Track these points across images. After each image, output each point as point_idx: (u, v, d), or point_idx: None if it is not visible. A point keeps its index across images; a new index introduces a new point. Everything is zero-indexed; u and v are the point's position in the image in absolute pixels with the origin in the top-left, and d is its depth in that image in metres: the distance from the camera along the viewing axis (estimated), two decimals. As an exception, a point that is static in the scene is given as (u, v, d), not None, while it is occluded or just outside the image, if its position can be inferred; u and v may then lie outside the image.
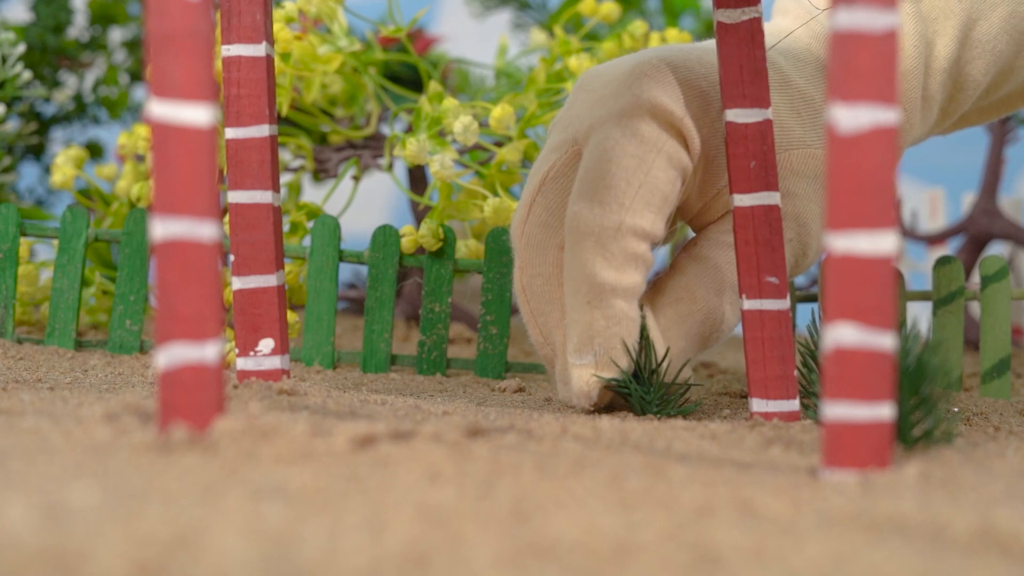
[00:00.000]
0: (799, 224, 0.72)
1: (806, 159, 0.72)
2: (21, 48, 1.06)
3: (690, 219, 0.73)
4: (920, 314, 1.37)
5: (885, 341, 0.49)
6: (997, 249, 1.34)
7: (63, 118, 1.23)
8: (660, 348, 0.68)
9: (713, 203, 0.72)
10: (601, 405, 0.68)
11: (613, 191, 0.65)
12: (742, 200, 0.67)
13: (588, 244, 0.65)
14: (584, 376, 0.65)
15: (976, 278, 1.20)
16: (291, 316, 0.84)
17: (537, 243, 0.70)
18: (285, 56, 0.91)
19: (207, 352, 0.50)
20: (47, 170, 1.23)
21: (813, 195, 0.72)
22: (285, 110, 0.93)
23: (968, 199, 1.34)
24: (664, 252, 1.19)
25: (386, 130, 0.98)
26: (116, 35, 1.29)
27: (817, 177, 0.72)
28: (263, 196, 0.68)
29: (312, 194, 1.92)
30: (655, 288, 0.71)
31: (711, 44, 0.73)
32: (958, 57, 0.75)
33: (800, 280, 1.38)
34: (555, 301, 0.69)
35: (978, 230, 1.21)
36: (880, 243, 0.49)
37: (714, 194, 0.71)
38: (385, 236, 0.86)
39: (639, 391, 0.66)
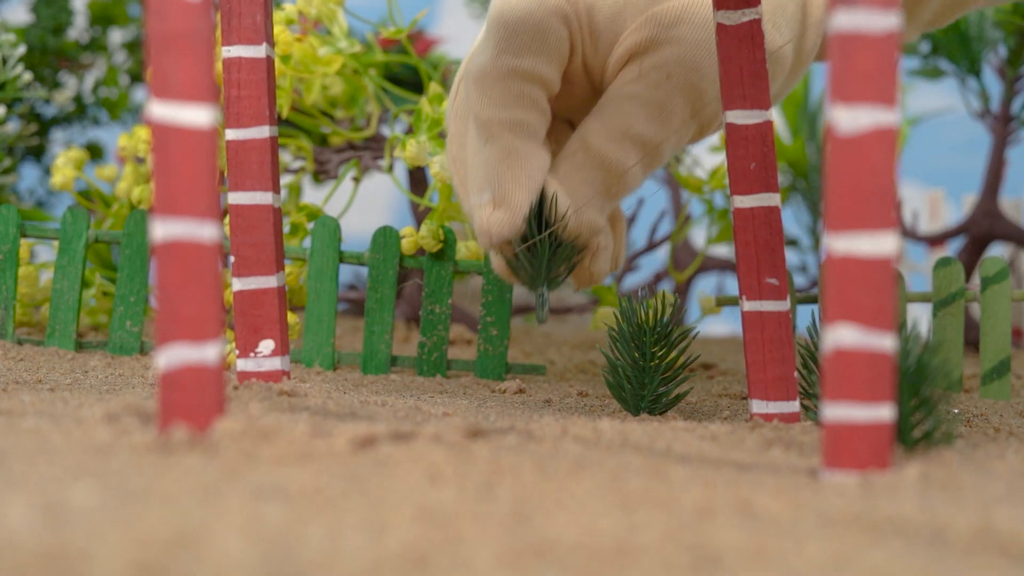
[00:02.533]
0: (687, 70, 0.70)
1: (689, 6, 0.71)
2: (21, 49, 1.06)
3: (595, 82, 0.73)
4: (920, 315, 1.37)
5: (885, 342, 0.49)
6: (998, 251, 1.34)
7: (63, 119, 1.23)
8: (561, 201, 0.68)
9: (610, 67, 0.72)
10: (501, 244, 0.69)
11: (497, 36, 0.68)
12: (742, 201, 0.67)
13: (473, 86, 0.68)
14: (484, 213, 0.67)
15: (976, 279, 1.20)
16: (291, 317, 0.84)
17: (463, 114, 0.72)
18: (285, 58, 0.91)
19: (207, 353, 0.50)
20: (47, 171, 1.23)
21: (701, 41, 0.70)
22: (285, 111, 0.93)
23: (969, 201, 1.34)
24: (664, 254, 1.19)
25: (386, 131, 0.98)
26: (116, 36, 1.29)
27: (703, 25, 0.71)
28: (263, 197, 0.68)
29: (312, 195, 1.92)
30: (559, 148, 0.72)
31: None
32: None
33: (800, 281, 1.38)
34: None
35: (979, 231, 1.21)
36: (880, 244, 0.49)
37: (604, 59, 0.71)
38: (385, 237, 0.86)
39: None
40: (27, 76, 1.06)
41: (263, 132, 0.68)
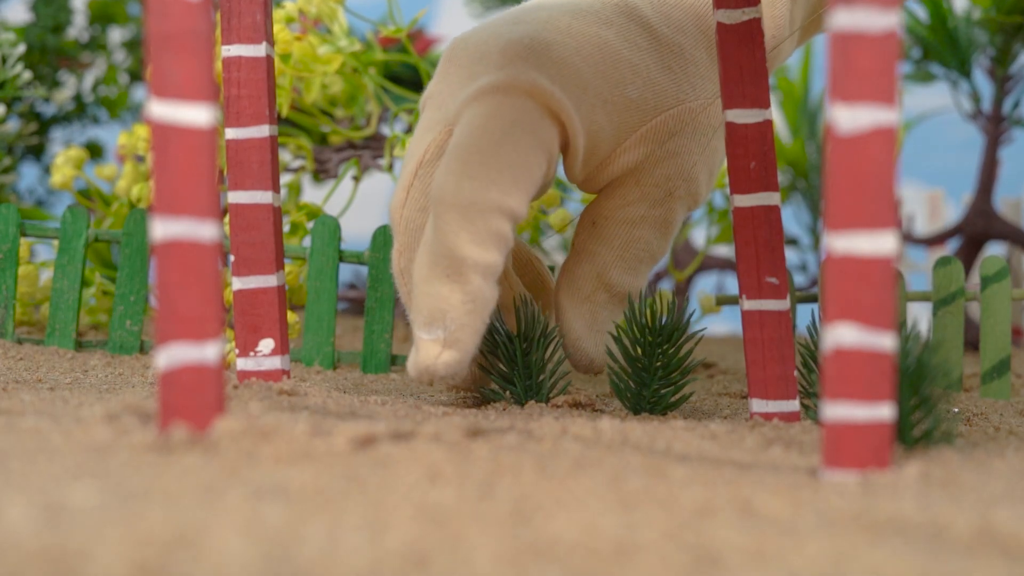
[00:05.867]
0: (686, 180, 0.72)
1: (681, 116, 0.71)
2: (21, 48, 1.06)
3: (578, 183, 0.73)
4: (920, 315, 1.37)
5: (885, 341, 0.49)
6: (995, 250, 1.34)
7: (63, 118, 1.23)
8: (574, 345, 0.70)
9: (597, 174, 0.71)
10: (456, 385, 0.70)
11: (484, 167, 0.63)
12: (742, 200, 0.67)
13: (453, 217, 0.63)
14: (432, 351, 0.63)
15: (976, 279, 1.20)
16: (291, 316, 0.84)
17: (415, 227, 0.68)
18: (285, 57, 0.91)
19: (207, 352, 0.50)
20: (47, 170, 1.23)
21: (695, 148, 0.71)
22: (285, 111, 0.93)
23: (968, 200, 1.34)
24: (665, 260, 1.20)
25: (386, 130, 0.98)
26: (116, 35, 1.29)
27: (696, 131, 0.71)
28: (263, 196, 0.68)
29: (312, 194, 1.92)
30: (567, 278, 0.71)
31: (579, 4, 0.71)
32: None
33: (800, 280, 1.38)
34: None
35: (974, 231, 1.21)
36: (880, 243, 0.49)
37: (596, 165, 0.71)
38: (385, 236, 0.86)
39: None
40: (27, 75, 1.06)
41: (263, 131, 0.68)
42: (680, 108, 0.71)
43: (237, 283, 0.68)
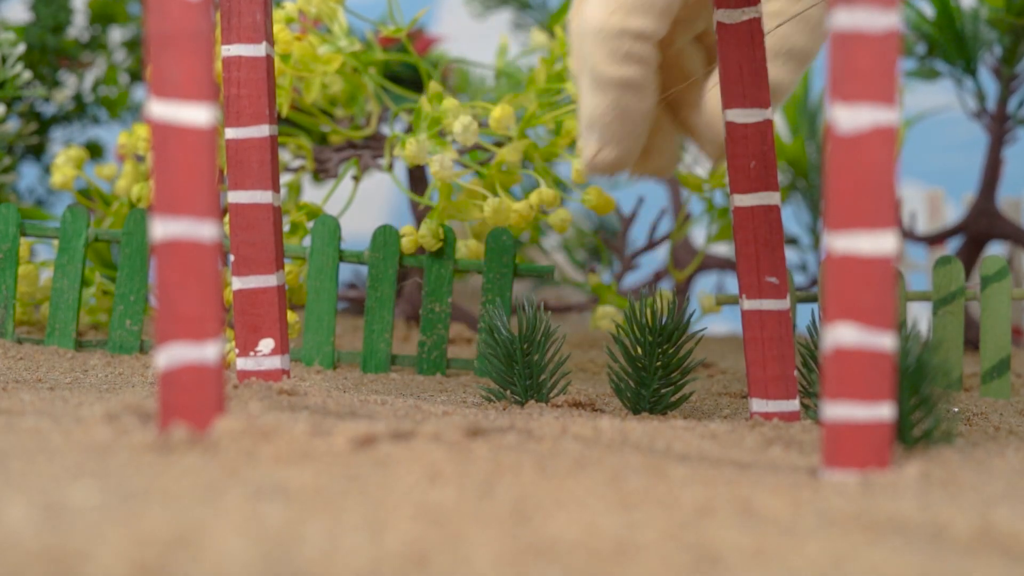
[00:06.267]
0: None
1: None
2: (21, 48, 1.06)
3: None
4: (920, 314, 1.37)
5: (885, 341, 0.49)
6: (996, 249, 1.34)
7: (63, 118, 1.23)
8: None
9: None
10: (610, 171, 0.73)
11: None
12: (742, 200, 0.67)
13: (590, 40, 0.71)
14: (591, 150, 0.71)
15: (976, 278, 1.20)
16: (291, 316, 0.84)
17: (580, 41, 0.75)
18: (285, 56, 0.91)
19: (207, 352, 0.50)
20: (47, 170, 1.23)
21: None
22: (285, 110, 0.93)
23: (969, 200, 1.34)
24: (664, 252, 1.19)
25: (386, 130, 0.98)
26: (116, 35, 1.29)
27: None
28: (263, 196, 0.68)
29: (312, 194, 1.92)
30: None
31: None
32: None
33: (800, 280, 1.38)
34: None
35: (976, 231, 1.21)
36: (880, 243, 0.49)
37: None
38: (385, 236, 0.86)
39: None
40: (27, 75, 1.06)
41: (263, 131, 0.68)
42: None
43: (237, 283, 0.68)
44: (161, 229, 0.50)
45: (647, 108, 0.71)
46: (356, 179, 0.97)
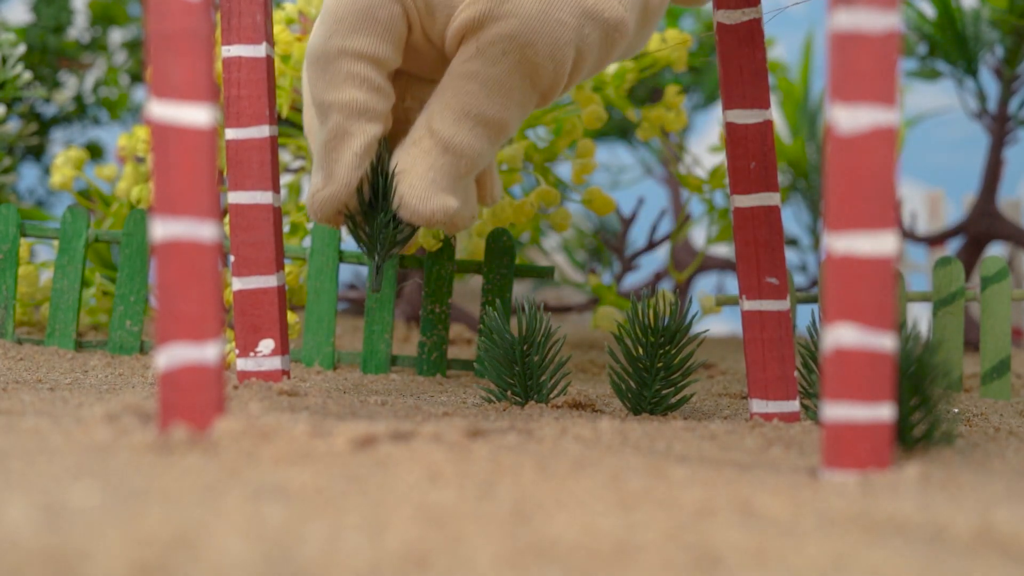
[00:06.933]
0: (522, 46, 0.70)
1: None
2: (21, 49, 1.06)
3: (443, 45, 0.73)
4: (920, 315, 1.37)
5: (885, 342, 0.49)
6: (996, 250, 1.34)
7: (63, 119, 1.23)
8: (403, 189, 0.69)
9: (446, 31, 0.72)
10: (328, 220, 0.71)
11: (328, 19, 0.69)
12: (742, 201, 0.67)
13: (310, 68, 0.70)
14: (314, 189, 0.70)
15: (976, 279, 1.20)
16: (291, 317, 0.84)
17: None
18: (285, 57, 0.91)
19: (207, 353, 0.50)
20: (47, 171, 1.23)
21: (534, 13, 0.70)
22: (285, 111, 0.93)
23: (969, 200, 1.34)
24: (664, 253, 1.19)
25: (386, 131, 0.98)
26: (116, 36, 1.29)
27: None
28: (263, 197, 0.68)
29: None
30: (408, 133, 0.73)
31: None
32: None
33: (800, 280, 1.38)
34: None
35: (977, 231, 1.21)
36: (880, 244, 0.49)
37: (445, 19, 0.71)
38: (385, 237, 0.86)
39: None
40: (27, 75, 1.06)
41: (263, 131, 0.68)
42: None
43: (237, 283, 0.68)
44: (161, 229, 0.50)
45: (371, 136, 0.69)
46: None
